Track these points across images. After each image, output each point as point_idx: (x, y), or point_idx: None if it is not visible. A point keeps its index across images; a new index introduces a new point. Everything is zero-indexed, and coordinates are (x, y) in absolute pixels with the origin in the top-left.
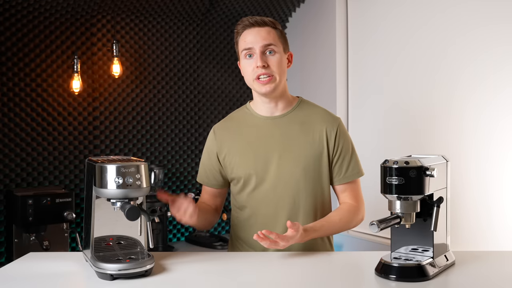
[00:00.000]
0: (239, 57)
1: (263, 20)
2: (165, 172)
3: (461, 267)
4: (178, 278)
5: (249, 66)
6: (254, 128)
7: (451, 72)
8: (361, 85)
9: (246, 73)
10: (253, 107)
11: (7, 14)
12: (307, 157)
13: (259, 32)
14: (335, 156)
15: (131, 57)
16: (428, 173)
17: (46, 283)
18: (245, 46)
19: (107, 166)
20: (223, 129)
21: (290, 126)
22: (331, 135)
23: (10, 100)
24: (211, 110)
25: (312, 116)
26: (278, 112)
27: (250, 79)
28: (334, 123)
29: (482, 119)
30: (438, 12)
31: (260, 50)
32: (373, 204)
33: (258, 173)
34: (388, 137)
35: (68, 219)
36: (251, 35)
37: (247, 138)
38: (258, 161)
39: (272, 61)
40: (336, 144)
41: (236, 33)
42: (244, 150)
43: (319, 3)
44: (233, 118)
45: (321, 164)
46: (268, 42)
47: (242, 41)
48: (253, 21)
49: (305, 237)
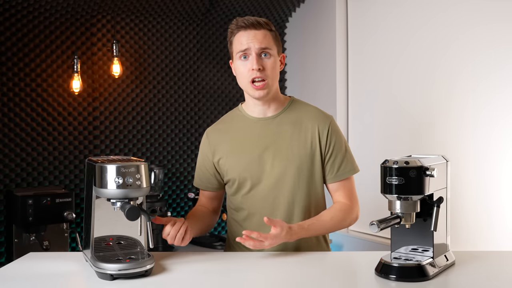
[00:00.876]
0: (233, 58)
1: (259, 22)
2: (165, 172)
3: (461, 267)
4: (178, 278)
5: (244, 67)
6: (247, 130)
7: (451, 71)
8: (361, 85)
9: (240, 75)
10: (245, 109)
11: (7, 14)
12: (301, 157)
13: (256, 35)
14: (327, 154)
15: (131, 57)
16: (428, 173)
17: (46, 283)
18: (240, 48)
19: (107, 166)
20: (215, 132)
21: (282, 126)
22: (323, 133)
23: (10, 100)
24: (211, 110)
25: (304, 115)
26: (270, 113)
27: (244, 81)
28: (326, 121)
29: (482, 119)
30: (438, 12)
31: (256, 53)
32: (373, 204)
33: (252, 174)
34: (388, 137)
35: (68, 219)
36: (247, 37)
37: (240, 140)
38: (252, 162)
39: (267, 65)
40: (328, 142)
41: (230, 32)
42: (238, 152)
43: (319, 3)
44: (225, 121)
45: (314, 162)
46: (264, 45)
47: (237, 42)
48: (249, 23)
49: (293, 235)
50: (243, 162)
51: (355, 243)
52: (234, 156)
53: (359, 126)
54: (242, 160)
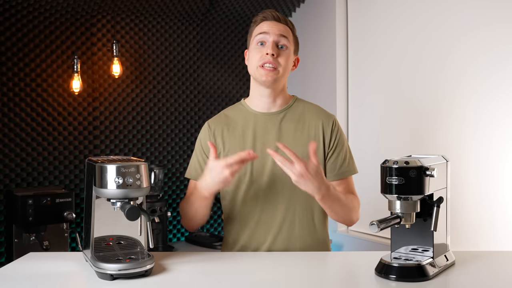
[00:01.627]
0: (249, 45)
1: (285, 19)
2: (165, 172)
3: (461, 267)
4: (178, 278)
5: (258, 53)
6: (250, 124)
7: (451, 71)
8: (361, 85)
9: (252, 59)
10: (248, 103)
11: (7, 14)
12: (304, 153)
13: (278, 25)
14: (331, 150)
15: (131, 57)
16: (428, 173)
17: (46, 283)
18: (260, 31)
19: (107, 166)
20: (217, 124)
21: (286, 122)
22: (327, 129)
23: (10, 100)
24: (211, 110)
25: (308, 113)
26: (275, 108)
27: (254, 65)
28: (329, 118)
29: (484, 118)
30: (438, 12)
31: (274, 39)
32: (373, 204)
33: (254, 169)
34: (388, 137)
35: (68, 219)
36: (268, 25)
37: (243, 133)
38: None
39: (281, 55)
40: (332, 138)
41: (253, 22)
42: (240, 145)
43: (319, 3)
44: (227, 115)
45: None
46: (284, 34)
47: (258, 28)
48: (275, 15)
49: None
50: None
51: (355, 243)
52: (236, 149)
53: (359, 126)
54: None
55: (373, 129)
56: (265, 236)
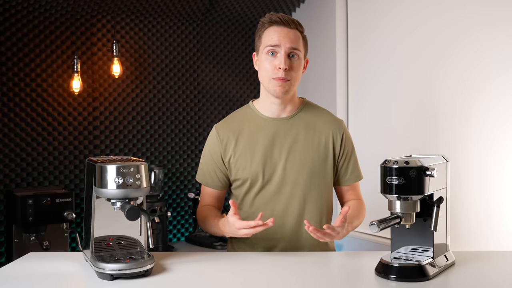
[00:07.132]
0: (258, 51)
1: (293, 21)
2: (165, 172)
3: (461, 267)
4: (178, 278)
5: (269, 64)
6: (260, 129)
7: (451, 71)
8: (361, 85)
9: (263, 70)
10: (258, 107)
11: (7, 14)
12: (313, 160)
13: (288, 33)
14: (341, 159)
15: (131, 57)
16: (428, 173)
17: (46, 283)
18: (271, 43)
19: (107, 166)
20: (226, 129)
21: (296, 128)
22: (337, 138)
23: (10, 100)
24: (211, 110)
25: (317, 119)
26: (285, 114)
27: (266, 77)
28: (340, 127)
29: (484, 119)
30: (439, 12)
31: (286, 52)
32: (373, 204)
33: (264, 175)
34: (388, 137)
35: (68, 219)
36: (279, 34)
37: (252, 139)
38: (265, 163)
39: (293, 65)
40: (342, 148)
41: (261, 25)
42: (250, 151)
43: (319, 3)
44: (235, 118)
45: (326, 167)
46: (295, 46)
47: (268, 36)
48: (284, 20)
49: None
50: (255, 162)
51: (355, 243)
52: (246, 155)
53: (359, 126)
54: (255, 160)
55: (373, 129)
56: (275, 238)
